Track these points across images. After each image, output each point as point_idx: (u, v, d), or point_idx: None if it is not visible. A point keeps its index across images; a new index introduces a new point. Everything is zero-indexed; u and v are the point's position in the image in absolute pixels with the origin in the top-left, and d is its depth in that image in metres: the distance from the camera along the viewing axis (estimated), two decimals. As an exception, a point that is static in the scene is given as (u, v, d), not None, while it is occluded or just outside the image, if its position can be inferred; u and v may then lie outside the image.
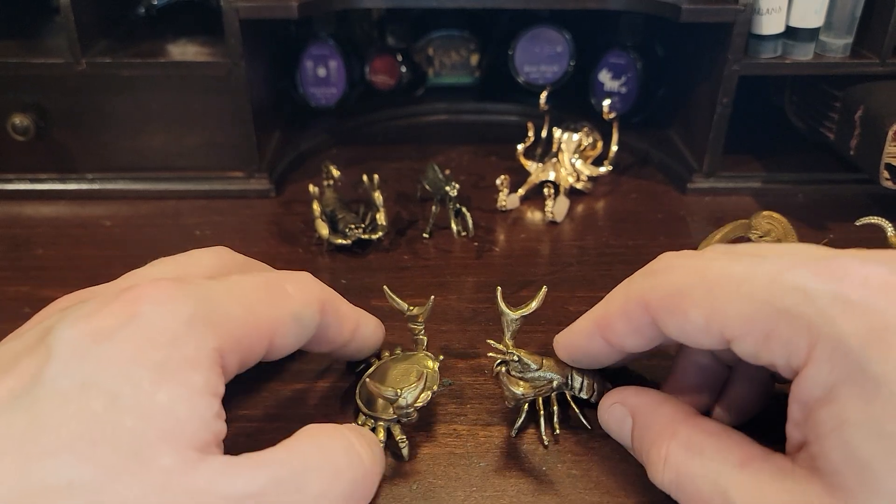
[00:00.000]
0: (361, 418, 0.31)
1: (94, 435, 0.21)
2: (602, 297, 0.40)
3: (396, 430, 0.31)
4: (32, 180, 0.51)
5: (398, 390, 0.29)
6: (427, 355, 0.34)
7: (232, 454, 0.23)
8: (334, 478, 0.25)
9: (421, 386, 0.30)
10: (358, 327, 0.32)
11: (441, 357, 0.35)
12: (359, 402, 0.32)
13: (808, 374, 0.22)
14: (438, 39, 0.65)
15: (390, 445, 0.31)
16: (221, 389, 0.24)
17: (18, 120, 0.48)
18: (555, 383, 0.32)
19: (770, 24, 0.47)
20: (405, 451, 0.30)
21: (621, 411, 0.29)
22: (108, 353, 0.22)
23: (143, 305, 0.23)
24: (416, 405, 0.29)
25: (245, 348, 0.25)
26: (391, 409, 0.30)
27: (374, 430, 0.31)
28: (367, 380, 0.30)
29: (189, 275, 0.28)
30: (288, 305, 0.27)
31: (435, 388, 0.31)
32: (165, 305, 0.23)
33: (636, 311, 0.27)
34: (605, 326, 0.28)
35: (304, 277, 0.29)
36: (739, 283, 0.24)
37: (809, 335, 0.22)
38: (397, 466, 0.30)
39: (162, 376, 0.22)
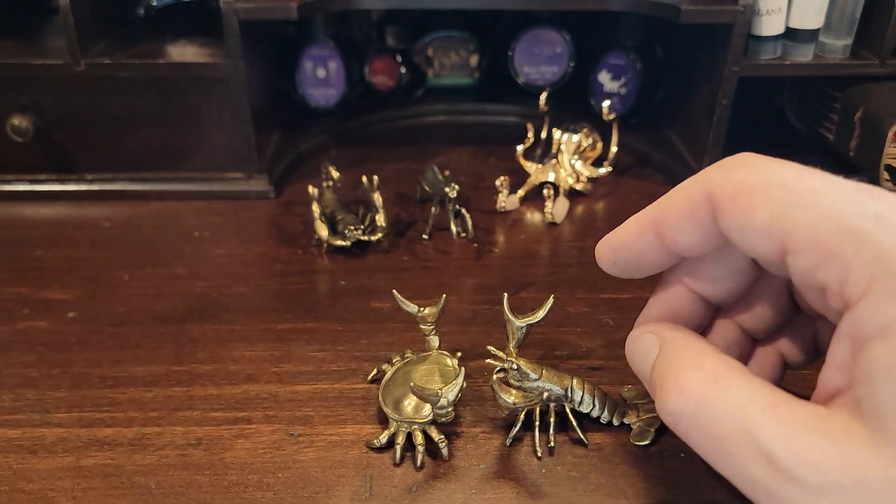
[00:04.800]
0: (393, 425, 0.31)
1: None
2: (602, 298, 0.41)
3: (433, 431, 0.31)
4: (31, 181, 0.51)
5: (439, 390, 0.29)
6: (443, 354, 0.34)
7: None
8: None
9: (460, 383, 0.29)
10: None
11: (459, 353, 0.34)
12: (386, 409, 0.32)
13: (866, 306, 0.21)
14: (438, 40, 0.64)
15: (429, 447, 0.31)
16: None
17: (17, 121, 0.48)
18: (552, 395, 0.31)
19: (770, 25, 0.47)
20: (445, 451, 0.30)
21: (650, 341, 0.27)
22: None
23: None
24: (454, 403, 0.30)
25: None
26: (425, 411, 0.31)
27: (409, 434, 0.31)
28: (413, 383, 0.29)
29: None
30: None
31: (463, 384, 0.30)
32: None
33: (700, 201, 0.25)
34: (662, 217, 0.26)
35: None
36: (816, 195, 0.22)
37: (875, 264, 0.20)
38: (394, 470, 0.30)
39: None
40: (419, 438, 0.30)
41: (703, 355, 0.24)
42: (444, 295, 0.34)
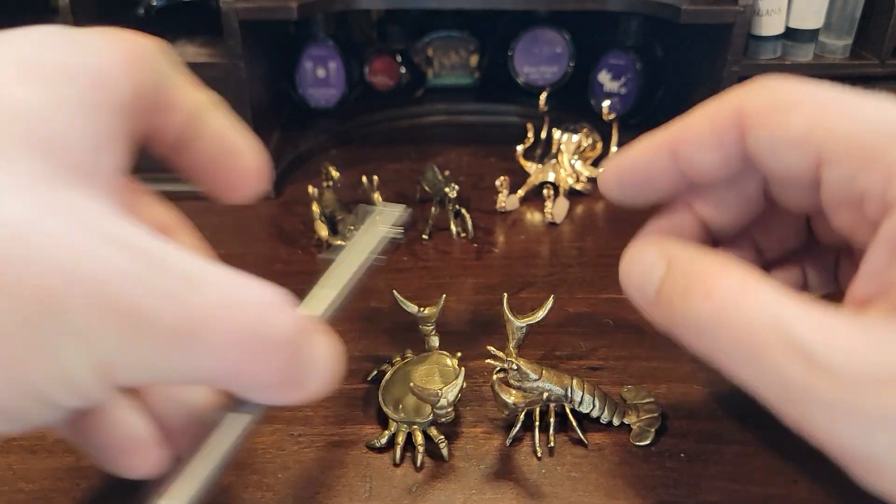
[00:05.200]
0: (393, 426, 0.31)
1: None
2: (602, 298, 0.41)
3: (433, 431, 0.31)
4: (31, 181, 0.51)
5: (439, 390, 0.29)
6: (443, 354, 0.34)
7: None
8: None
9: (460, 383, 0.29)
10: (197, 112, 0.24)
11: (459, 353, 0.34)
12: (386, 409, 0.32)
13: None
14: (438, 40, 0.64)
15: (429, 447, 0.31)
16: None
17: (17, 121, 0.48)
18: (552, 395, 0.31)
19: (770, 25, 0.47)
20: (444, 451, 0.31)
21: (654, 257, 0.24)
22: None
23: None
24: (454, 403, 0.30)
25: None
26: (425, 411, 0.31)
27: (409, 434, 0.31)
28: (413, 383, 0.29)
29: None
30: None
31: (463, 384, 0.30)
32: None
33: (727, 119, 0.24)
34: (681, 136, 0.25)
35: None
36: (854, 105, 0.22)
37: None
38: (394, 470, 0.30)
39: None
40: (419, 438, 0.30)
41: (727, 263, 0.22)
42: (444, 295, 0.34)
